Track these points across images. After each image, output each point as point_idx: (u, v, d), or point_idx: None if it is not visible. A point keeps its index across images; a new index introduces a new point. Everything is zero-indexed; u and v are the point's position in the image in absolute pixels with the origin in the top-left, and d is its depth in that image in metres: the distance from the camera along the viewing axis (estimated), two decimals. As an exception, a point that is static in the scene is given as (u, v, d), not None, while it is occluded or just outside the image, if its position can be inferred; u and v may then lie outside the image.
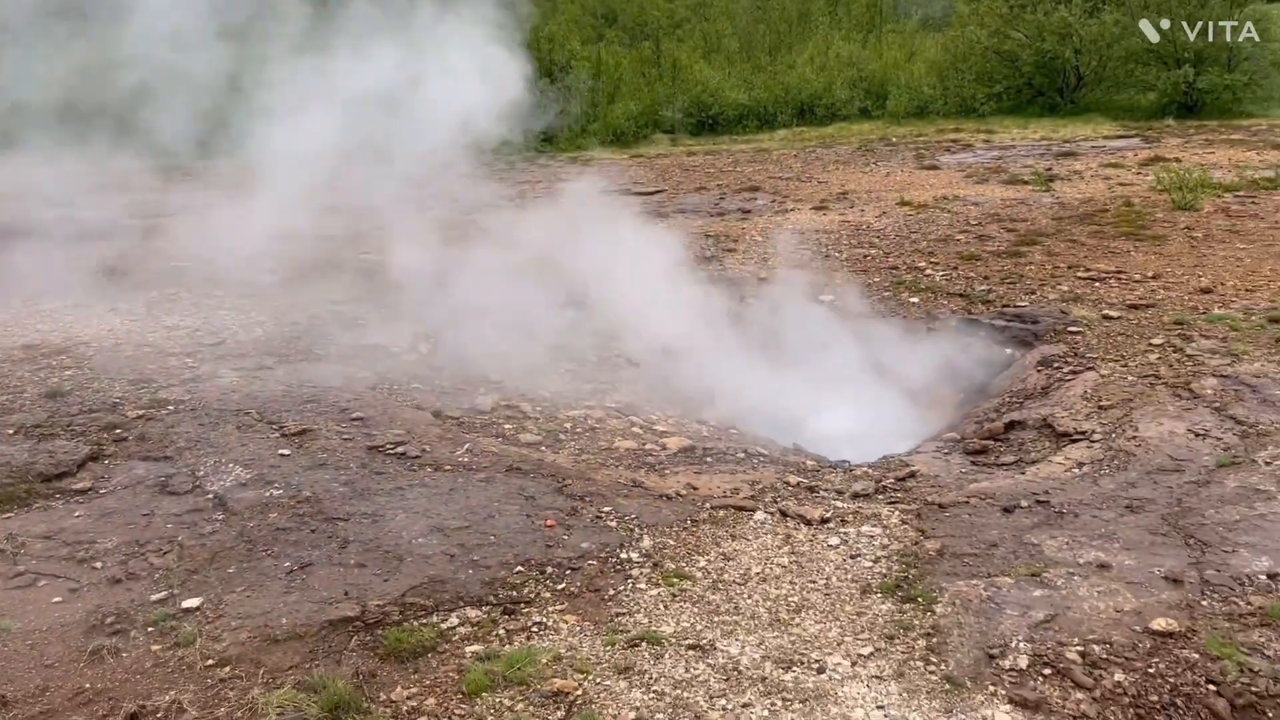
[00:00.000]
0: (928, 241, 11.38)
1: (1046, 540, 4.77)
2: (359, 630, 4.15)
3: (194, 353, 7.58)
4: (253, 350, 7.71)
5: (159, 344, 7.74)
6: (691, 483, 5.89)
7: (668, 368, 8.18)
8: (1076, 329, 8.04)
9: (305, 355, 7.67)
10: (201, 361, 7.39)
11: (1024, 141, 19.54)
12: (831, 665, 3.90)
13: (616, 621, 4.24)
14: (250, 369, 7.24)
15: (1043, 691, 3.69)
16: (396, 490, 5.36)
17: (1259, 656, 3.84)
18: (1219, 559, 4.50)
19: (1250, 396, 6.29)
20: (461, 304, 8.95)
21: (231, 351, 7.66)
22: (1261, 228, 11.04)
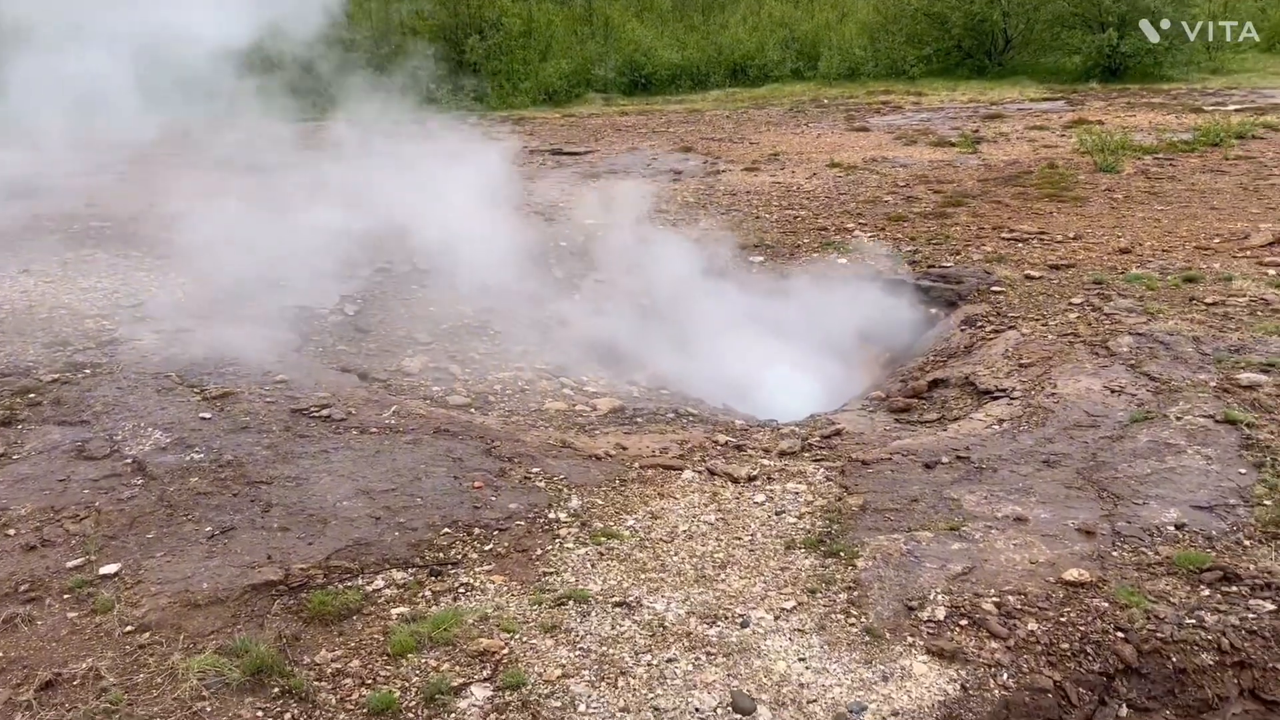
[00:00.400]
0: (856, 203, 11.48)
1: (966, 495, 4.88)
2: (282, 594, 4.11)
3: (111, 315, 7.39)
4: (173, 312, 7.53)
5: (75, 306, 7.52)
6: (621, 443, 5.91)
7: (599, 329, 8.18)
8: (999, 289, 8.19)
9: (228, 317, 7.51)
10: (119, 324, 7.20)
11: (952, 104, 19.74)
12: (755, 620, 3.97)
13: (544, 581, 4.26)
14: (170, 331, 7.08)
15: (959, 641, 3.79)
16: (321, 453, 5.30)
17: (1165, 604, 3.98)
18: (1130, 511, 4.65)
19: (1164, 353, 6.47)
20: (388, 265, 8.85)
21: (151, 314, 7.48)
22: (1178, 189, 11.32)
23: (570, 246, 9.88)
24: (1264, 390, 5.81)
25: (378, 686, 3.57)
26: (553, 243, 9.88)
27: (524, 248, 9.40)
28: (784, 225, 10.66)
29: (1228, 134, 13.98)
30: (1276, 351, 6.38)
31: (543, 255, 9.43)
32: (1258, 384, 5.89)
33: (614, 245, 9.68)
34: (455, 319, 7.83)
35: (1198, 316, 7.16)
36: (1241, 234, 9.32)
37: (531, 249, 9.46)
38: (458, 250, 9.05)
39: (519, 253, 9.26)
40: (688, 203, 11.88)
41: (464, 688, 3.56)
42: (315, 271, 8.49)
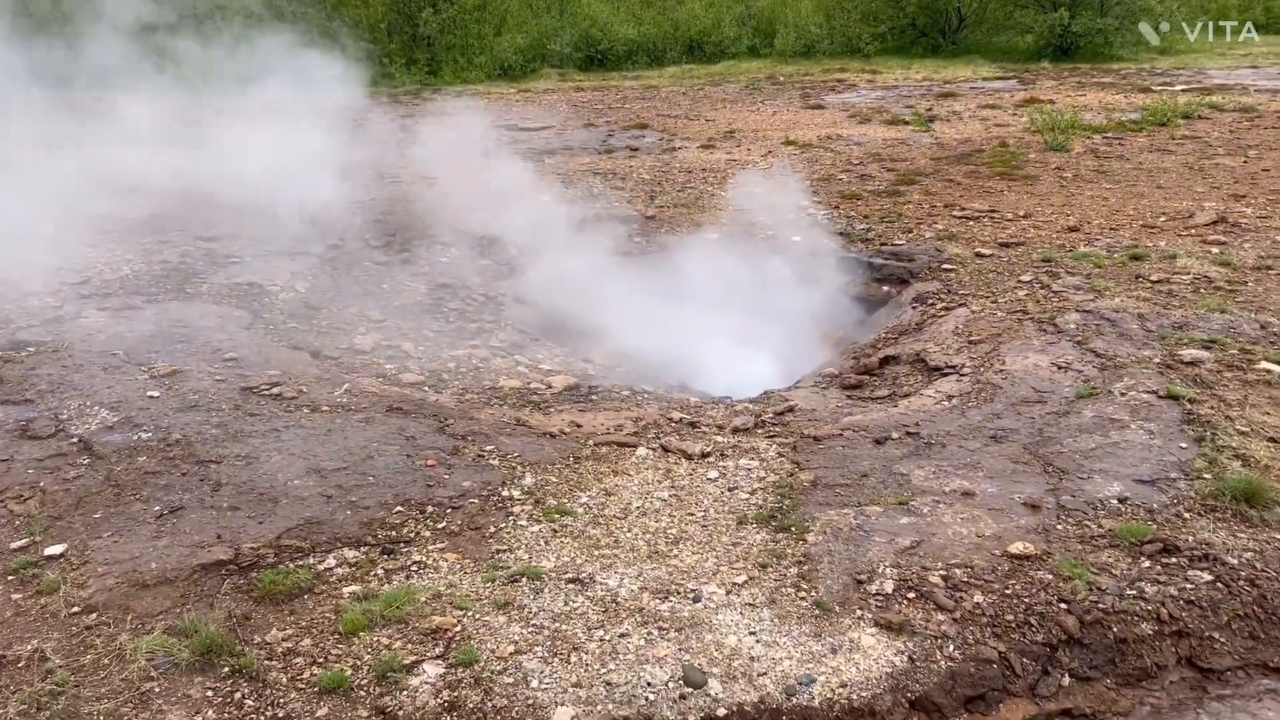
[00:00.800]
0: (811, 180, 11.52)
1: (915, 470, 4.95)
2: (233, 573, 4.09)
3: (56, 292, 7.25)
4: (120, 289, 7.41)
5: (18, 283, 7.37)
6: (576, 420, 5.91)
7: (555, 306, 8.16)
8: (950, 267, 8.28)
9: (176, 294, 7.41)
10: (64, 301, 7.08)
11: (907, 82, 19.85)
12: (707, 594, 4.00)
13: (497, 558, 4.26)
14: (117, 308, 6.97)
15: (906, 614, 3.85)
16: (272, 432, 5.25)
17: (1107, 575, 4.07)
18: (1074, 485, 4.74)
19: (1109, 330, 6.58)
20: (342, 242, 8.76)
21: (97, 291, 7.36)
22: (1126, 168, 11.48)
23: (525, 223, 9.83)
24: (1205, 366, 5.94)
25: (329, 665, 3.56)
26: (507, 219, 9.82)
27: (478, 224, 9.35)
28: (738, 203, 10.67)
29: (1174, 114, 14.21)
30: (1218, 328, 6.52)
31: (497, 232, 9.38)
32: (1200, 360, 6.02)
33: (570, 223, 9.65)
34: (409, 296, 7.78)
35: (1143, 294, 7.29)
36: (1186, 213, 9.49)
37: (486, 225, 9.40)
38: (410, 227, 8.99)
39: (473, 229, 9.21)
40: (643, 180, 11.85)
41: (416, 665, 3.56)
42: (266, 248, 8.41)
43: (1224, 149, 12.32)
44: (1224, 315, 6.77)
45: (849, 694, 3.50)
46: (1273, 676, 3.86)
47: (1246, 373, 5.86)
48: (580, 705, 3.41)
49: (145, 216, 9.17)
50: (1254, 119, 14.22)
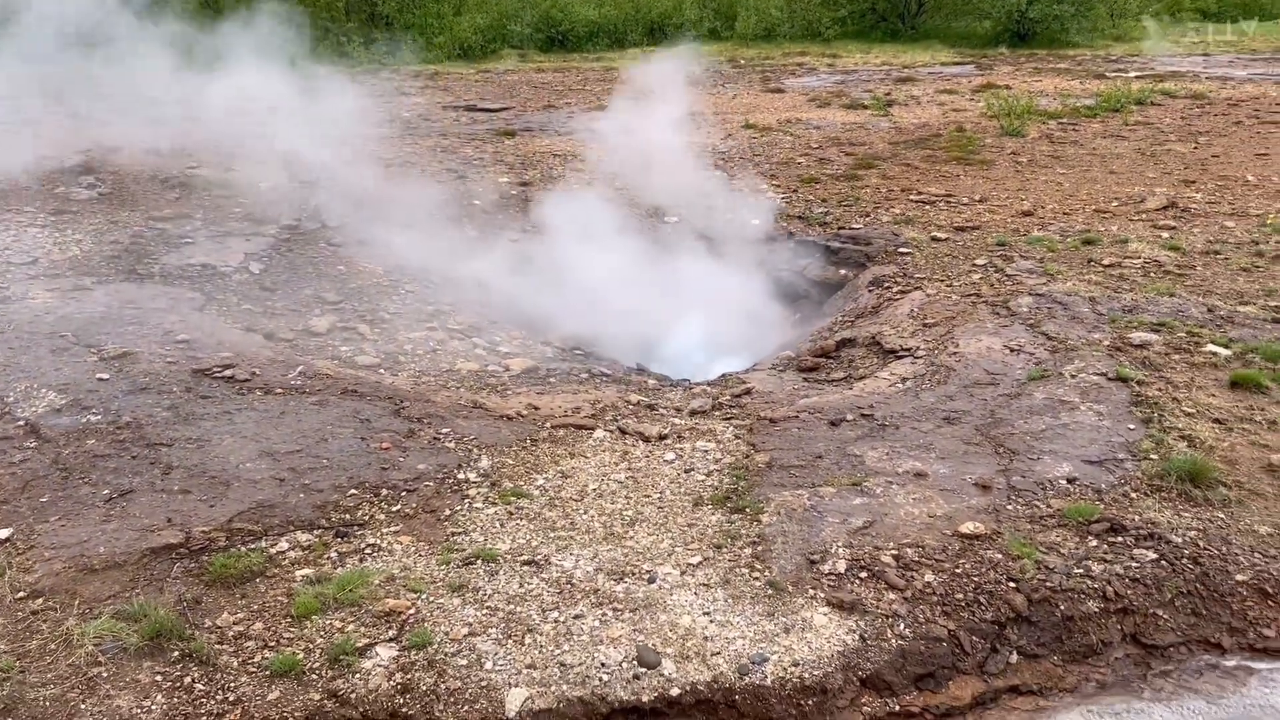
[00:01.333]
0: (770, 164, 11.55)
1: (868, 451, 4.99)
2: (183, 557, 4.04)
3: (3, 273, 7.11)
4: (69, 270, 7.28)
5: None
6: (533, 403, 5.90)
7: (514, 289, 8.13)
8: (906, 250, 8.34)
9: (127, 275, 7.29)
10: (11, 282, 6.94)
11: (866, 66, 19.93)
12: (662, 575, 4.02)
13: (452, 541, 4.25)
14: (66, 290, 6.85)
15: (858, 593, 3.89)
16: (224, 414, 5.20)
17: (1055, 554, 4.13)
18: (1025, 466, 4.80)
19: (1061, 313, 6.67)
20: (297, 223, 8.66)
21: (45, 271, 7.22)
22: (1080, 154, 11.62)
23: (484, 205, 9.78)
24: (1154, 349, 6.04)
25: (280, 648, 3.54)
26: (466, 201, 9.76)
27: (437, 206, 9.28)
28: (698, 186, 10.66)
29: (1128, 100, 14.38)
30: (1167, 311, 6.62)
31: (456, 213, 9.32)
32: (1148, 343, 6.11)
33: (528, 204, 9.61)
34: (365, 277, 7.72)
35: (1094, 278, 7.39)
36: (1138, 198, 9.62)
37: (445, 207, 9.34)
38: (368, 208, 8.90)
39: (432, 211, 9.13)
40: (603, 161, 11.81)
41: (369, 648, 3.55)
42: (219, 229, 8.29)
43: (1175, 135, 12.50)
44: (1173, 299, 6.88)
45: (801, 672, 3.53)
46: (1214, 652, 3.94)
47: (1193, 355, 5.97)
48: (534, 686, 3.42)
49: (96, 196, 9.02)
50: (1205, 106, 14.43)
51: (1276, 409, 5.31)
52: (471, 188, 10.26)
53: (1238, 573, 4.07)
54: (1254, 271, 7.49)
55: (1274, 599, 4.02)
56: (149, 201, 9.04)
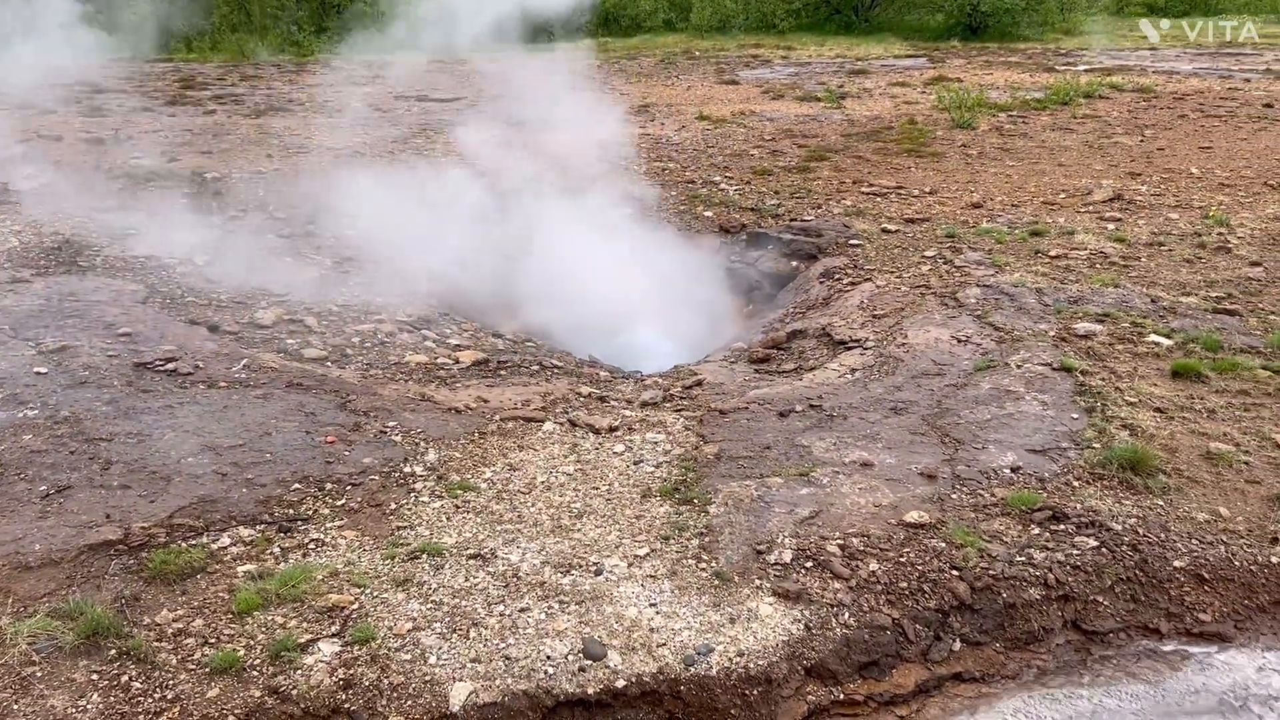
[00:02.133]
0: (724, 156, 11.57)
1: (816, 442, 5.02)
2: (122, 554, 3.97)
3: (-63, 265, 6.96)
4: (6, 262, 7.13)
5: (-105, 256, 7.05)
6: (483, 396, 5.87)
7: (466, 281, 8.06)
8: (857, 242, 8.39)
9: (68, 268, 7.15)
10: (-54, 275, 6.79)
11: (820, 59, 20.01)
12: (609, 567, 4.01)
13: (397, 535, 4.21)
14: (3, 282, 6.70)
15: (804, 583, 3.91)
16: (166, 409, 5.11)
17: (998, 543, 4.18)
18: (970, 455, 4.85)
19: (1008, 304, 6.74)
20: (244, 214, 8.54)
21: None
22: (1029, 146, 11.75)
23: (435, 195, 9.69)
24: (1098, 339, 6.12)
25: (221, 645, 3.49)
26: (416, 190, 9.66)
27: (386, 195, 9.18)
28: (652, 177, 10.67)
29: (1077, 93, 14.56)
30: (1111, 302, 6.72)
31: (406, 203, 9.22)
32: (1093, 333, 6.20)
33: (482, 194, 9.53)
34: (314, 269, 7.62)
35: (1041, 269, 7.47)
36: (1085, 190, 9.75)
37: (394, 196, 9.24)
38: (316, 198, 8.79)
39: (380, 200, 9.04)
40: (556, 153, 11.75)
41: (311, 644, 3.51)
42: (164, 220, 8.15)
43: (1122, 128, 12.68)
44: (1117, 290, 6.98)
45: (746, 662, 3.54)
46: (1152, 637, 4.01)
47: (1137, 345, 6.06)
48: (479, 680, 3.40)
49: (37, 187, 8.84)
50: (1151, 99, 14.65)
51: (1215, 398, 5.41)
52: (422, 177, 10.16)
53: (1176, 559, 4.14)
54: (1196, 263, 7.62)
55: (1210, 584, 4.09)
56: (91, 192, 8.86)
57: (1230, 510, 4.41)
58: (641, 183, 10.41)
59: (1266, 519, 4.36)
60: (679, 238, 9.00)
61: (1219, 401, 5.36)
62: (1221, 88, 15.57)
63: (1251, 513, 4.40)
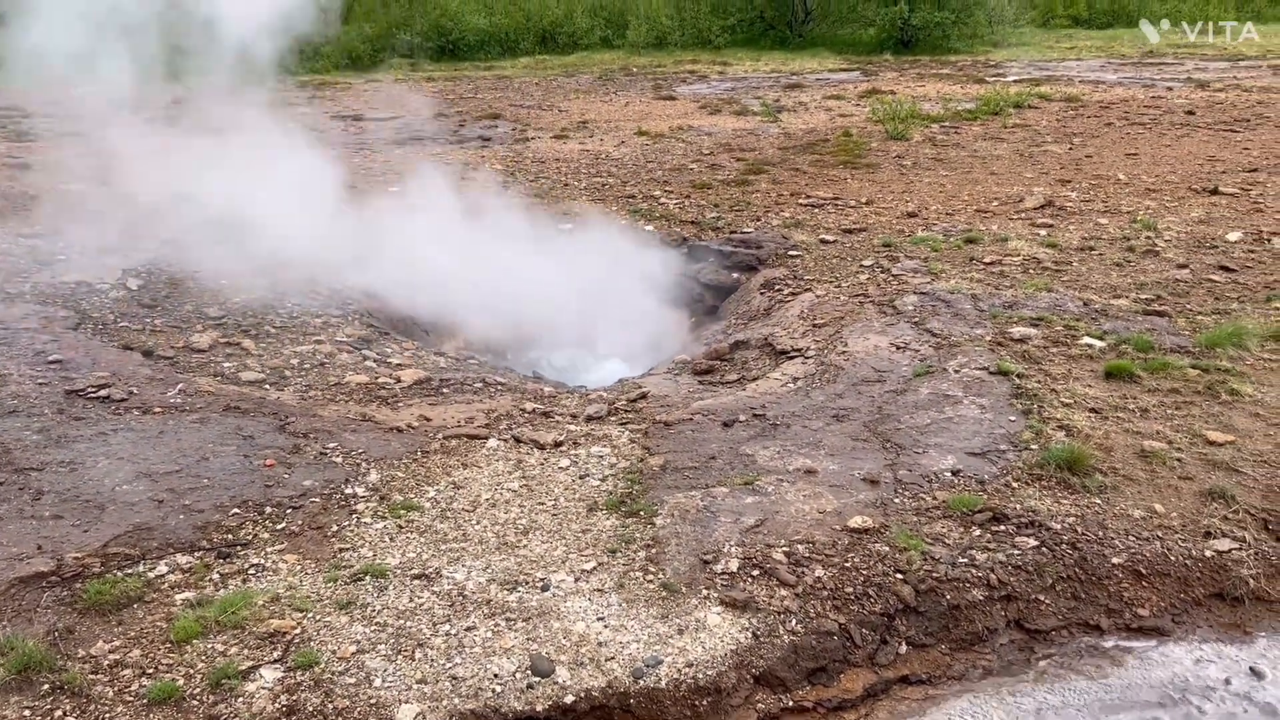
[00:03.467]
0: (663, 170, 11.62)
1: (760, 451, 5.04)
2: (55, 585, 3.87)
3: None
4: (-70, 291, 6.93)
5: None
6: (425, 414, 5.81)
7: (406, 299, 7.99)
8: (796, 253, 8.46)
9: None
10: None
11: (756, 74, 20.21)
12: (556, 583, 3.99)
13: (340, 558, 4.15)
14: (-74, 312, 6.52)
15: (751, 591, 3.92)
16: (99, 436, 4.99)
17: (940, 545, 4.22)
18: (911, 459, 4.90)
19: (945, 311, 6.84)
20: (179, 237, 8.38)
21: (-97, 293, 6.86)
22: (962, 156, 11.96)
23: (373, 215, 9.61)
24: (1033, 343, 6.23)
25: (159, 676, 3.41)
26: (354, 211, 9.57)
27: (323, 216, 9.08)
28: (592, 193, 10.68)
29: (1007, 104, 14.86)
30: (1045, 306, 6.85)
31: (343, 224, 9.13)
32: (1028, 337, 6.31)
33: (420, 213, 9.46)
34: (249, 291, 7.49)
35: (977, 275, 7.60)
36: (1017, 197, 9.94)
37: (331, 217, 9.14)
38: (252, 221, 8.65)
39: (318, 222, 8.93)
40: (496, 170, 11.74)
41: (253, 671, 3.44)
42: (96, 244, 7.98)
43: (1051, 137, 12.95)
44: (1050, 294, 7.12)
45: (695, 673, 3.54)
46: (1093, 634, 4.08)
47: (1070, 348, 6.18)
48: (425, 702, 3.36)
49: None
50: (1078, 108, 14.99)
51: (1148, 397, 5.53)
52: (359, 197, 10.07)
53: (1114, 556, 4.22)
54: (1126, 266, 7.79)
55: (1147, 580, 4.17)
56: (18, 217, 8.66)
57: (1165, 506, 4.50)
58: (581, 198, 10.41)
59: (1200, 514, 4.46)
60: (621, 252, 9.00)
61: (1151, 401, 5.48)
62: (1145, 96, 15.98)
63: (1185, 508, 4.50)
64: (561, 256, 8.88)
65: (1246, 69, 18.98)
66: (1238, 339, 6.17)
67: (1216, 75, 18.11)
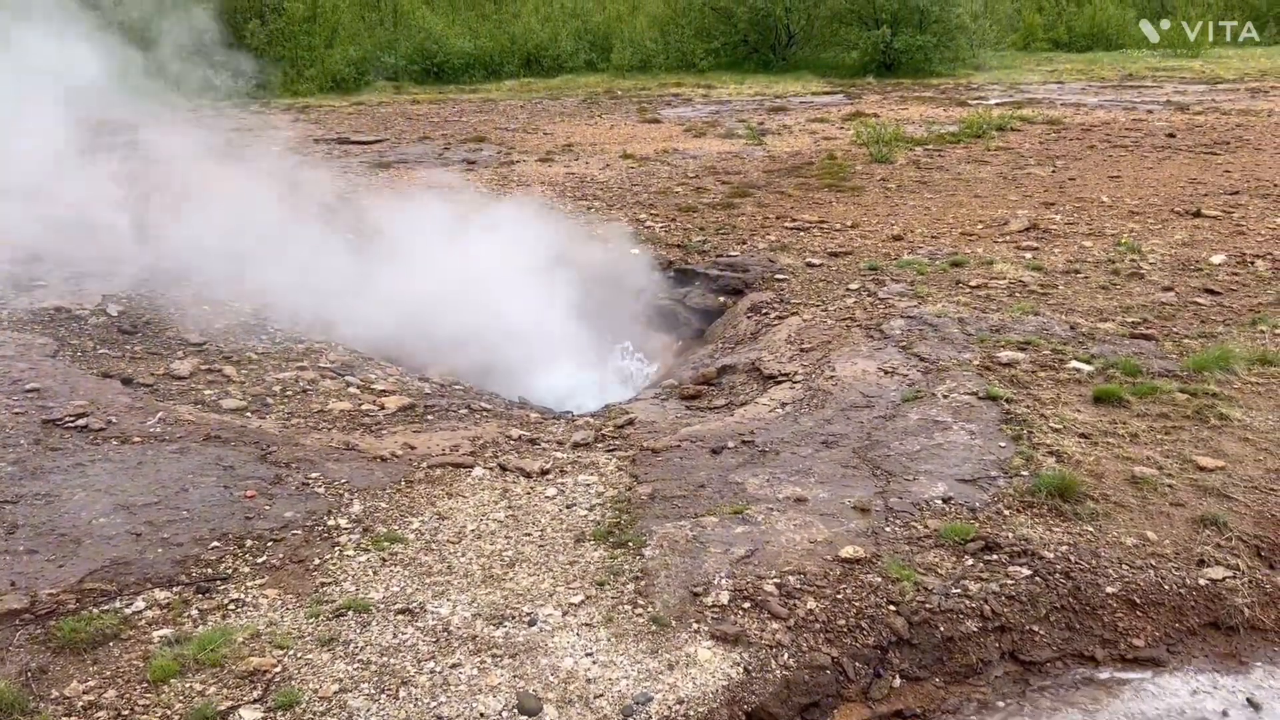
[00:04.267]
0: (648, 194, 11.60)
1: (749, 478, 4.98)
2: (28, 623, 3.77)
3: None
4: (-97, 318, 6.82)
5: None
6: (410, 442, 5.74)
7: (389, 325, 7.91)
8: (783, 276, 8.44)
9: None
10: None
11: (740, 97, 20.27)
12: (543, 617, 3.91)
13: (322, 592, 4.07)
14: (-101, 340, 6.41)
15: (742, 624, 3.85)
16: (76, 467, 4.89)
17: (933, 575, 4.17)
18: (901, 487, 4.85)
19: (932, 335, 6.82)
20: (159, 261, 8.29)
21: (-123, 320, 6.75)
22: (946, 179, 11.98)
23: (357, 238, 9.55)
24: (1021, 367, 6.21)
25: (135, 717, 3.31)
26: (338, 234, 9.51)
27: (306, 240, 9.01)
28: (578, 216, 10.64)
29: (989, 126, 14.93)
30: (1032, 330, 6.83)
31: (327, 248, 9.06)
32: (1016, 361, 6.29)
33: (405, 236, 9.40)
34: (231, 317, 7.41)
35: (963, 299, 7.58)
36: (1002, 220, 9.95)
37: (314, 241, 9.07)
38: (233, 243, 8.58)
39: (300, 245, 8.86)
40: (481, 193, 11.69)
41: (232, 711, 3.35)
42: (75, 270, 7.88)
43: (1034, 160, 13.00)
44: (1037, 317, 7.10)
45: (686, 710, 3.46)
46: (1088, 665, 4.02)
47: (1058, 372, 6.15)
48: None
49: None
50: (1060, 131, 15.07)
51: (1137, 422, 5.50)
52: (344, 220, 10.01)
53: (1107, 585, 4.17)
54: (1112, 289, 7.79)
55: (1142, 609, 4.13)
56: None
57: (1157, 534, 4.46)
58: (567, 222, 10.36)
59: (1193, 541, 4.42)
60: (605, 276, 8.95)
61: (1141, 425, 5.46)
62: (1126, 119, 16.09)
63: (1178, 535, 4.46)
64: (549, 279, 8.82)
65: (1225, 91, 19.15)
66: (1225, 363, 6.16)
67: (1196, 98, 18.26)
